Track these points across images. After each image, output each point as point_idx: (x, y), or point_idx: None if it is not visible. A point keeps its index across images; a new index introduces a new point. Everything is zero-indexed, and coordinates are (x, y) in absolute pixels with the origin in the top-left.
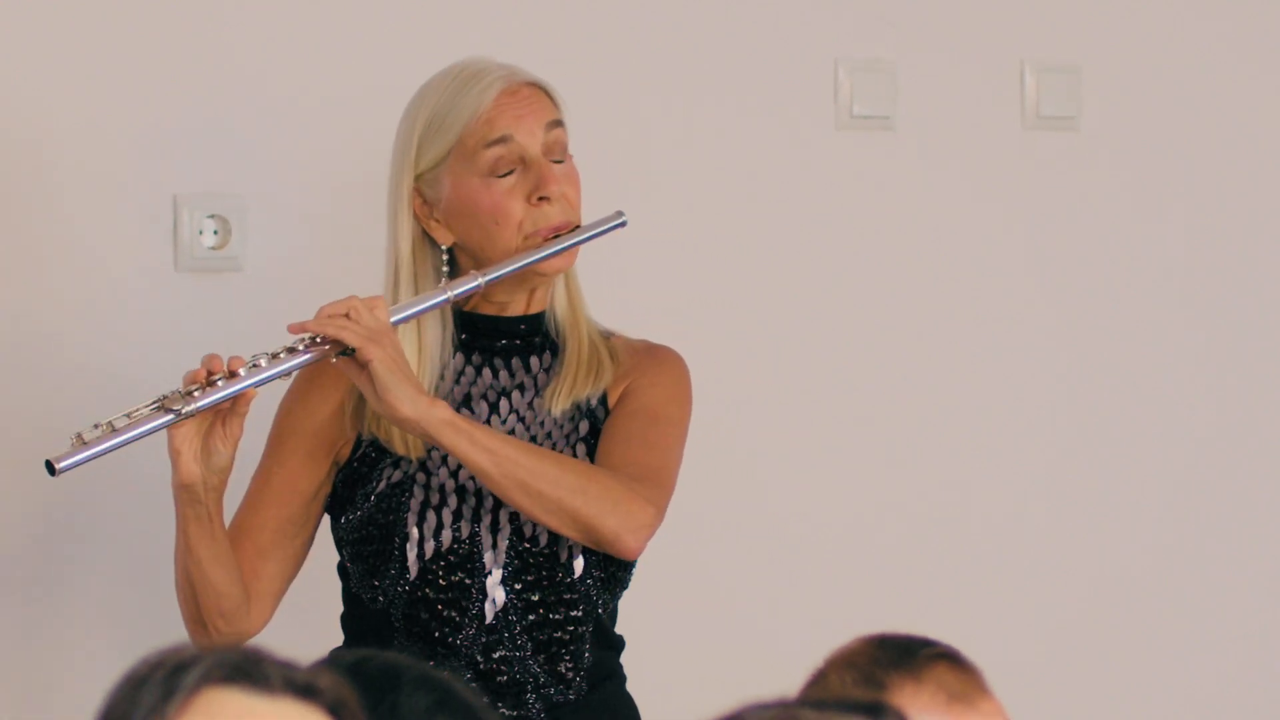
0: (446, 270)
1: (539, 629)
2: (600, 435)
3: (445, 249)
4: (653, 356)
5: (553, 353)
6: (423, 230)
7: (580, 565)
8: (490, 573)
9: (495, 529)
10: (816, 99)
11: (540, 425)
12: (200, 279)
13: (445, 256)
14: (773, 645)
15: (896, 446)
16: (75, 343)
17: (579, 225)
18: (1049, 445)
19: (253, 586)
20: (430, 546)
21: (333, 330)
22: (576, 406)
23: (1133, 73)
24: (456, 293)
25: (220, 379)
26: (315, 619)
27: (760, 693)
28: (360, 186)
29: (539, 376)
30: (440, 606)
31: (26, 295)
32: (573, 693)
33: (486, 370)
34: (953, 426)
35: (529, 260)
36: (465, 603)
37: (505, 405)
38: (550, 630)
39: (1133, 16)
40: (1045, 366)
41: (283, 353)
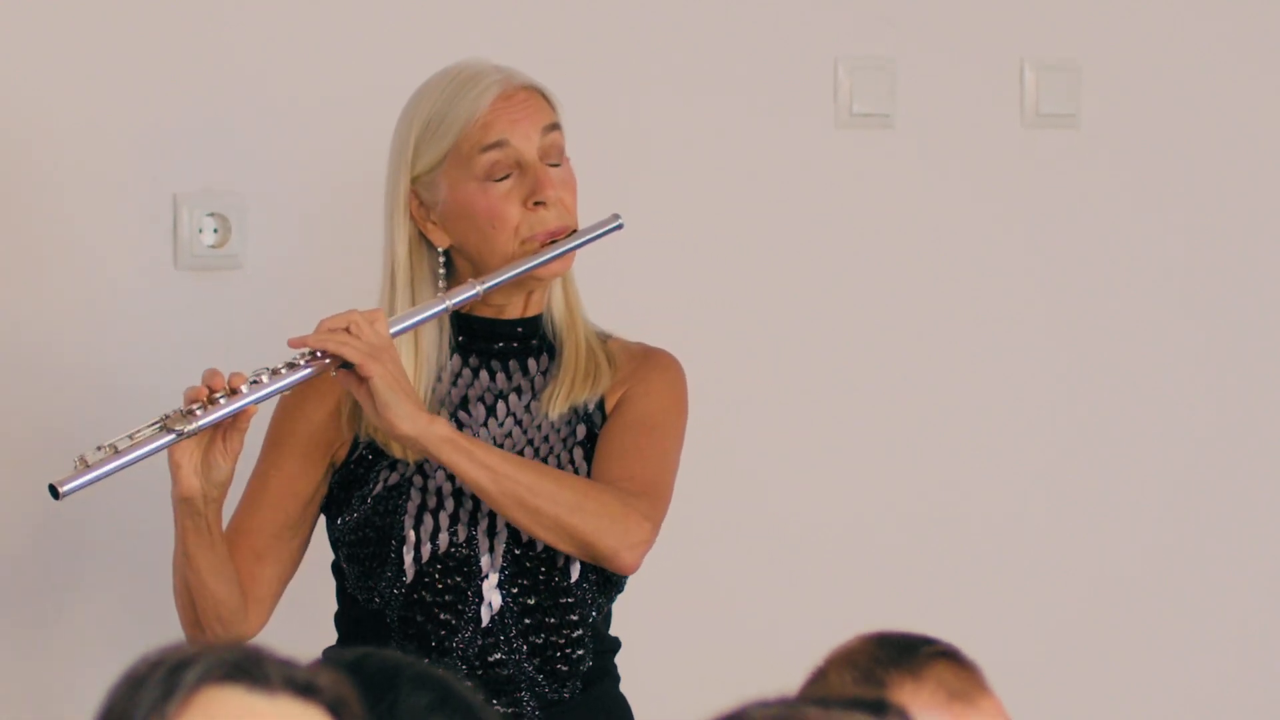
0: (443, 272)
1: (535, 632)
2: (597, 443)
3: (442, 251)
4: (649, 362)
5: (550, 355)
6: (419, 232)
7: (577, 569)
8: (487, 576)
9: (492, 533)
10: (816, 97)
11: (538, 429)
12: (200, 277)
13: (442, 259)
14: (768, 646)
15: (896, 445)
16: (75, 341)
17: (575, 229)
18: (1048, 444)
19: (250, 590)
20: (427, 550)
21: (333, 346)
22: (574, 410)
23: (1132, 71)
24: (454, 302)
25: (221, 396)
26: (309, 618)
27: (756, 693)
28: (360, 185)
29: (536, 379)
30: (436, 609)
31: (26, 293)
32: (567, 691)
33: (484, 373)
34: (952, 425)
35: (526, 267)
36: (461, 606)
37: (502, 408)
38: (546, 633)
39: (1132, 14)
40: (1045, 365)
41: (283, 368)
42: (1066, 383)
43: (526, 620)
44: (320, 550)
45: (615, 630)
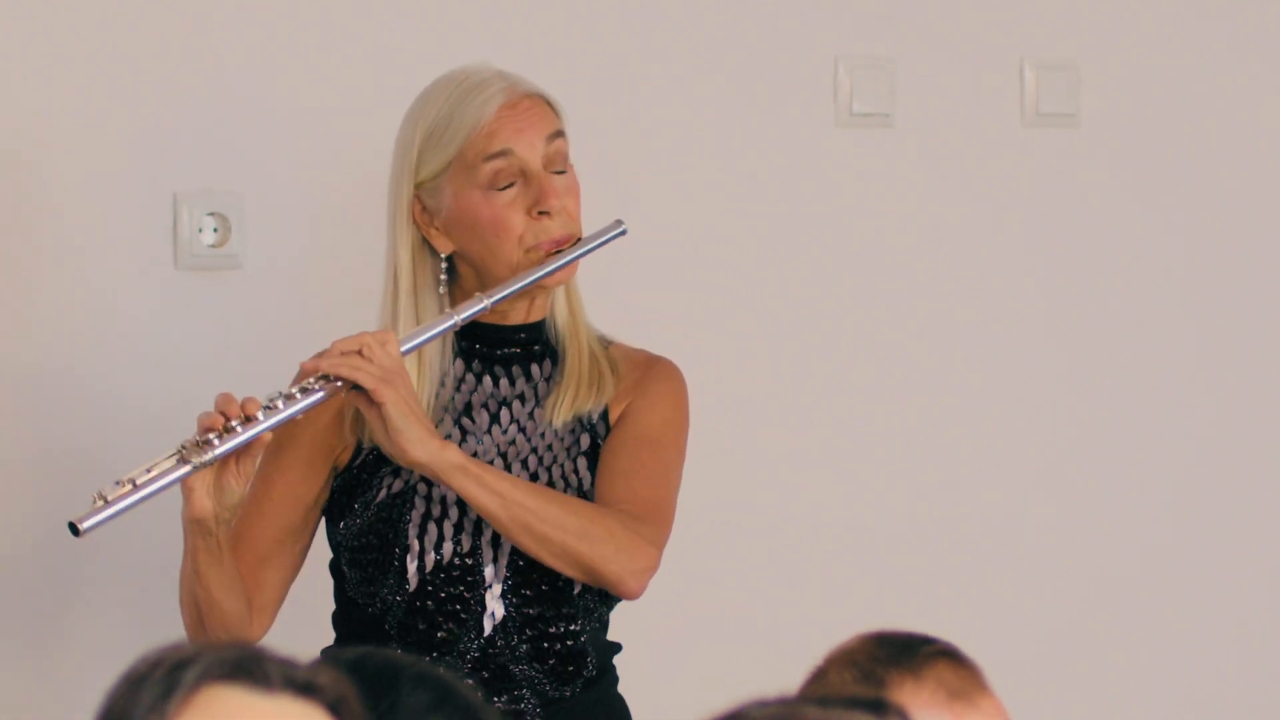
0: (445, 278)
1: (537, 640)
2: (600, 456)
3: (445, 257)
4: (652, 372)
5: (553, 361)
6: (422, 237)
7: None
8: (490, 586)
9: (496, 543)
10: (816, 96)
11: (541, 437)
12: (200, 277)
13: (445, 264)
14: (768, 646)
15: (895, 444)
16: (75, 340)
17: (579, 236)
18: (1048, 443)
19: (254, 598)
20: (431, 559)
21: (347, 372)
22: (578, 419)
23: (1132, 70)
24: (463, 317)
25: (237, 423)
26: (307, 617)
27: (755, 693)
28: (360, 185)
29: (539, 386)
30: (439, 618)
31: (26, 292)
32: (568, 690)
33: (487, 378)
34: (951, 424)
35: (532, 279)
36: (464, 615)
37: (506, 415)
38: (548, 641)
39: (1131, 13)
40: (1044, 364)
41: (297, 391)
42: (1066, 382)
43: (529, 630)
44: (318, 549)
45: (614, 628)
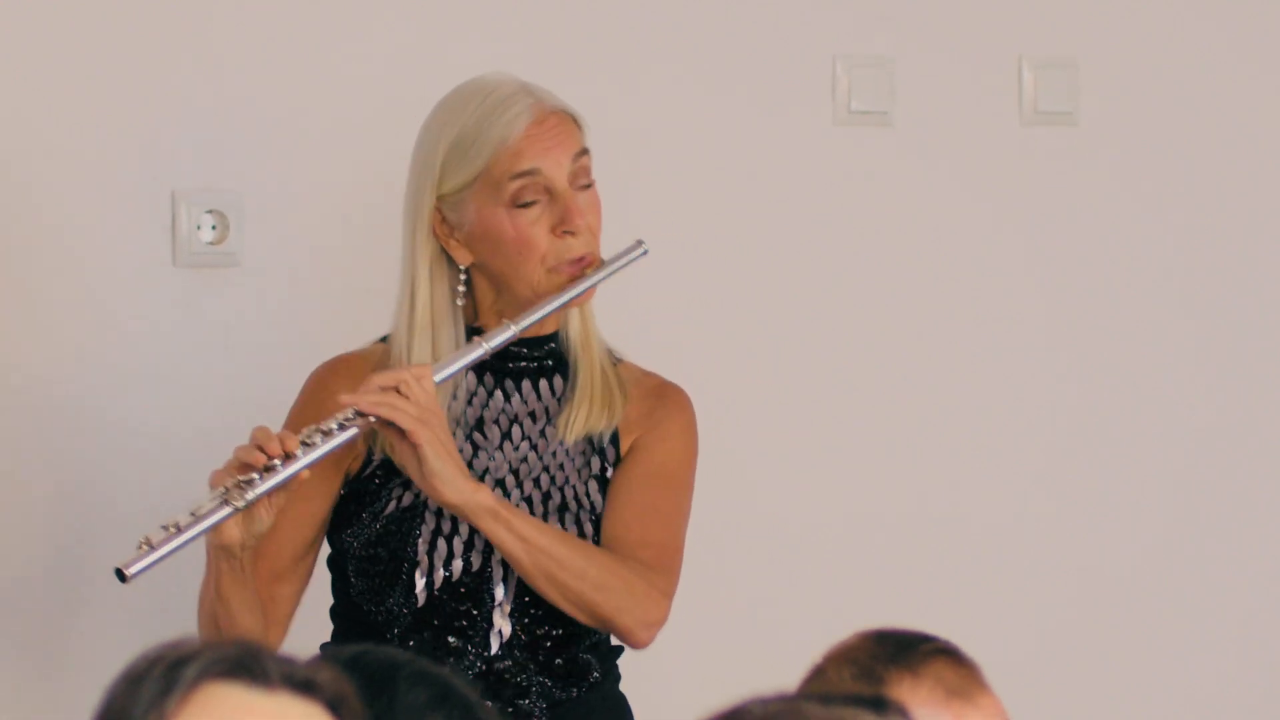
0: (464, 289)
1: (544, 654)
2: (612, 489)
3: (463, 269)
4: (665, 403)
5: (564, 376)
6: (440, 248)
7: None
8: (500, 605)
9: (506, 561)
10: (815, 95)
11: (553, 456)
12: (198, 274)
13: (463, 276)
14: (767, 643)
15: (893, 443)
16: (74, 338)
17: (599, 255)
18: (1047, 442)
19: (270, 611)
20: (440, 576)
21: (386, 412)
22: (589, 440)
23: (1130, 69)
24: (492, 346)
25: (277, 461)
26: (306, 613)
27: (755, 690)
28: (359, 182)
29: (549, 403)
30: (445, 634)
31: (25, 289)
32: (575, 690)
33: (499, 393)
34: (950, 423)
35: (558, 304)
36: (471, 632)
37: (518, 432)
38: (555, 654)
39: (1130, 11)
40: (1043, 363)
41: (335, 427)
42: (1065, 381)
43: (536, 648)
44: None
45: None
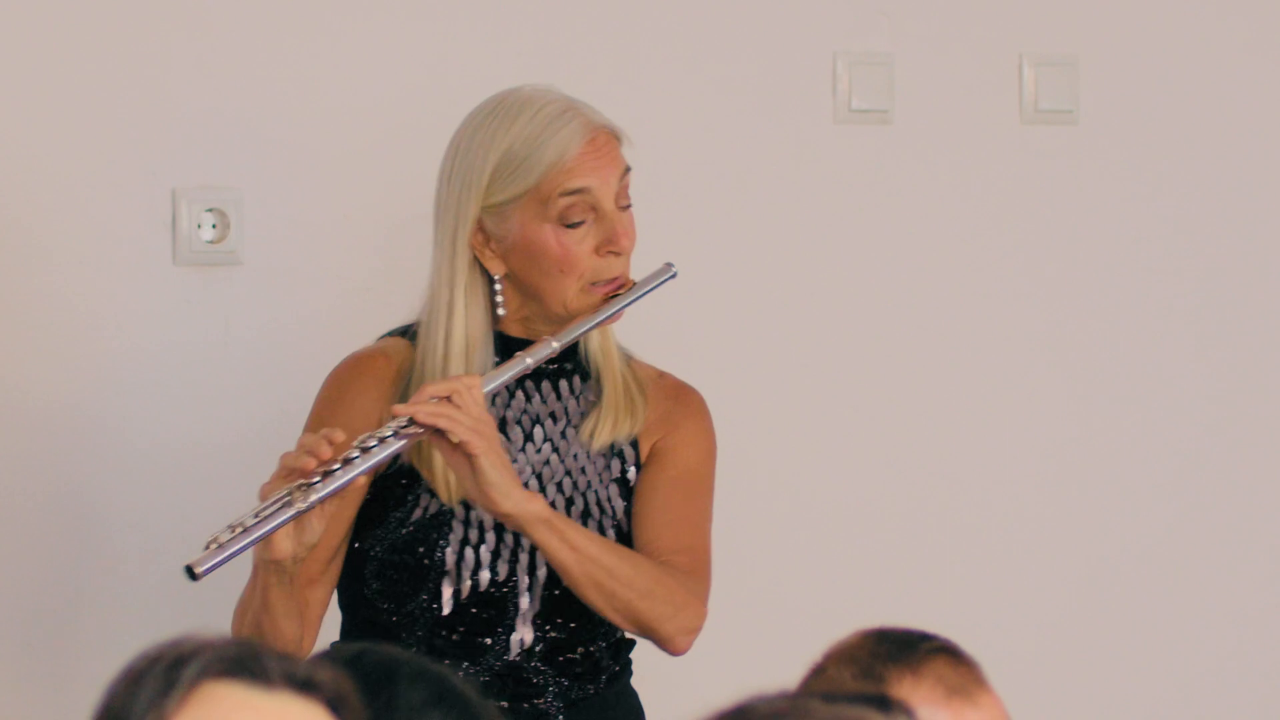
0: (500, 299)
1: (562, 659)
2: (638, 495)
3: (495, 278)
4: (683, 405)
5: (582, 377)
6: (473, 256)
7: None
8: (523, 614)
9: (532, 571)
10: (815, 93)
11: (574, 459)
12: (199, 272)
13: (496, 286)
14: (772, 640)
15: (894, 440)
16: (74, 336)
17: (629, 276)
18: (1047, 439)
19: (304, 616)
20: (468, 587)
21: (443, 423)
22: (610, 445)
23: (1131, 67)
24: (534, 360)
25: (337, 465)
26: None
27: (757, 688)
28: (358, 180)
29: (569, 404)
30: (466, 641)
31: (25, 288)
32: (591, 687)
33: (520, 393)
34: (950, 420)
35: (597, 322)
36: (492, 640)
37: (540, 433)
38: (574, 659)
39: (1130, 10)
40: (1043, 360)
41: (390, 435)
42: (1065, 377)
43: (555, 652)
44: None
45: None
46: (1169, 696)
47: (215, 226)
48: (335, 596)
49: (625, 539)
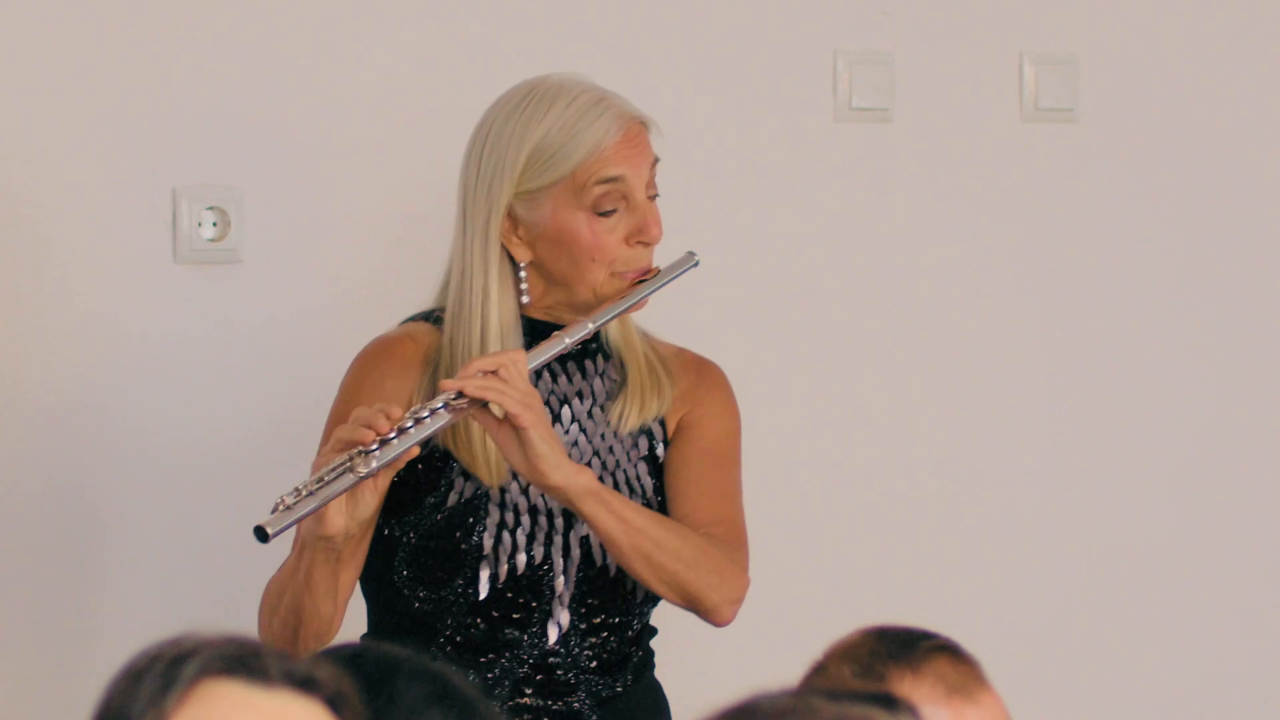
0: (525, 287)
1: (599, 647)
2: (669, 470)
3: (521, 265)
4: (705, 380)
5: (605, 357)
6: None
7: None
8: (560, 597)
9: (566, 553)
10: (815, 91)
11: (602, 439)
12: (199, 271)
13: (521, 273)
14: (778, 636)
15: (893, 439)
16: (74, 334)
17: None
18: (1046, 437)
19: (337, 599)
20: (504, 570)
21: (493, 395)
22: (639, 424)
23: (1131, 65)
24: (572, 340)
25: (394, 436)
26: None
27: (757, 685)
28: (359, 178)
29: (595, 383)
30: (504, 626)
31: (26, 286)
32: (619, 685)
33: (546, 374)
34: (950, 419)
35: (628, 305)
36: (529, 623)
37: (568, 413)
38: (609, 646)
39: (1130, 8)
40: (1042, 358)
41: (441, 408)
42: (1065, 375)
43: (592, 638)
44: None
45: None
46: (1169, 695)
47: (216, 225)
48: (359, 590)
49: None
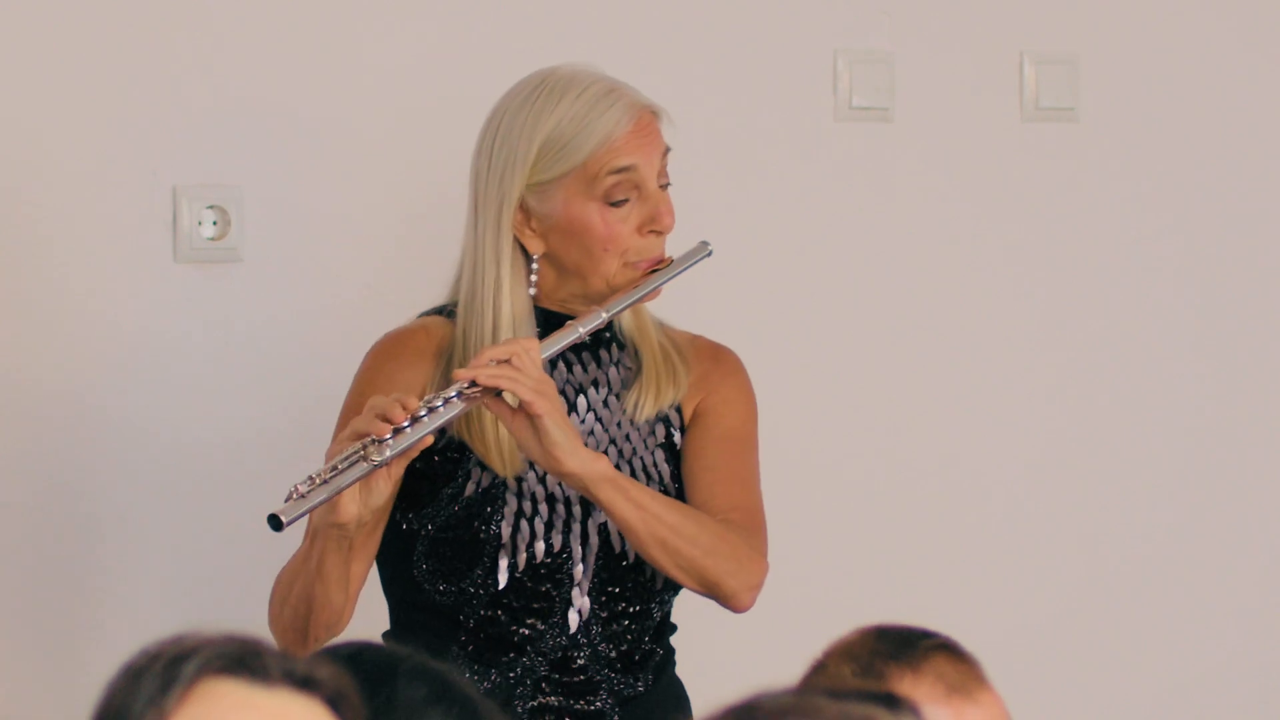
0: (535, 279)
1: (620, 636)
2: (687, 457)
3: (534, 257)
4: (721, 365)
5: (620, 346)
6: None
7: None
8: (579, 583)
9: (584, 540)
10: (815, 91)
11: (618, 427)
12: (199, 270)
13: (533, 265)
14: (768, 639)
15: (892, 438)
16: (75, 333)
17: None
18: (1046, 436)
19: (348, 589)
20: (523, 558)
21: (506, 384)
22: (655, 412)
23: (1131, 64)
24: (586, 330)
25: (407, 425)
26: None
27: (759, 683)
28: (359, 177)
29: (610, 372)
30: (524, 615)
31: (26, 285)
32: (641, 684)
33: (561, 364)
34: (949, 418)
35: (641, 294)
36: (550, 612)
37: (583, 402)
38: (630, 636)
39: (1130, 8)
40: (1042, 358)
41: (455, 396)
42: (1065, 375)
43: (613, 625)
44: None
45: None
46: (1169, 695)
47: (216, 224)
48: (380, 586)
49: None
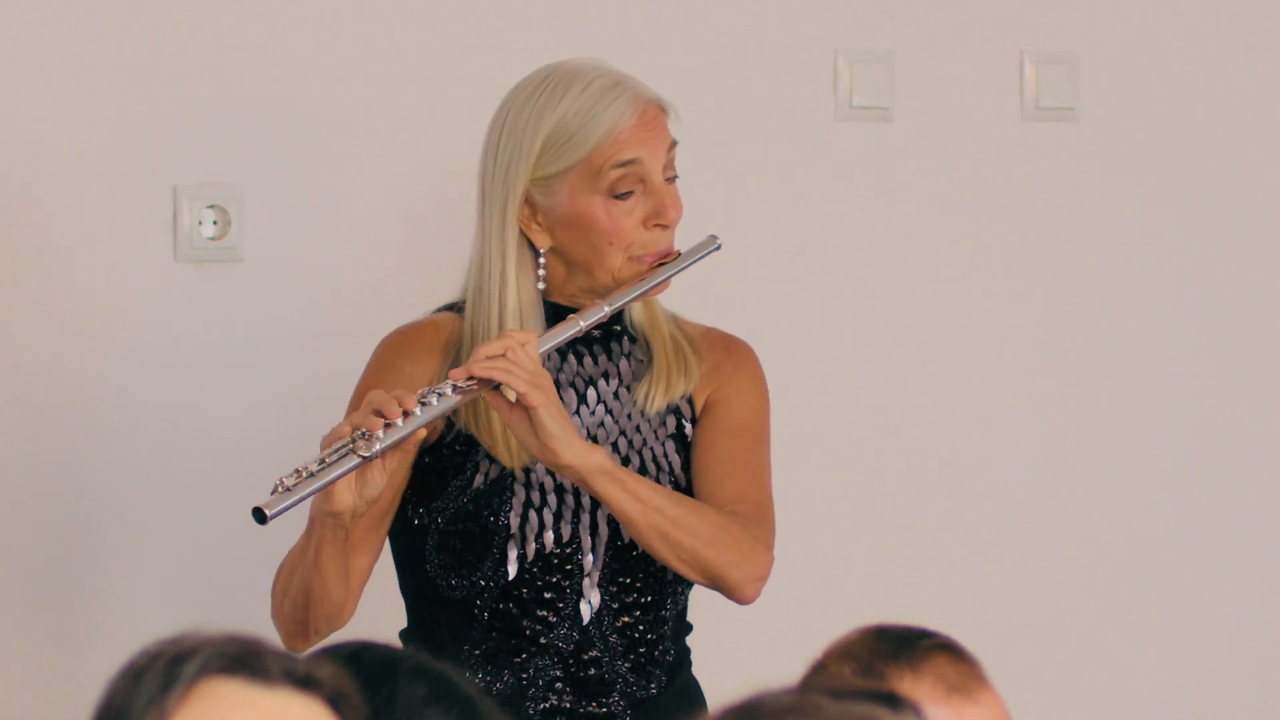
0: (543, 274)
1: (631, 629)
2: (696, 448)
3: (541, 251)
4: (733, 356)
5: (630, 339)
6: (519, 230)
7: None
8: (589, 575)
9: (594, 531)
10: (816, 90)
11: (628, 418)
12: (199, 269)
13: (540, 259)
14: (768, 638)
15: (892, 438)
16: (75, 333)
17: (674, 247)
18: (1046, 436)
19: (349, 584)
20: (532, 549)
21: (501, 376)
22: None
23: (1131, 64)
24: (588, 323)
25: (399, 421)
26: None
27: (759, 682)
28: (359, 177)
29: (620, 363)
30: (535, 607)
31: (26, 284)
32: (654, 686)
33: (571, 356)
34: (949, 418)
35: (646, 288)
36: (562, 604)
37: (593, 394)
38: (641, 629)
39: (1131, 7)
40: (1042, 357)
41: (449, 390)
42: (1065, 375)
43: (624, 618)
44: None
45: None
46: (1169, 695)
47: (216, 223)
48: (397, 583)
49: (685, 494)
